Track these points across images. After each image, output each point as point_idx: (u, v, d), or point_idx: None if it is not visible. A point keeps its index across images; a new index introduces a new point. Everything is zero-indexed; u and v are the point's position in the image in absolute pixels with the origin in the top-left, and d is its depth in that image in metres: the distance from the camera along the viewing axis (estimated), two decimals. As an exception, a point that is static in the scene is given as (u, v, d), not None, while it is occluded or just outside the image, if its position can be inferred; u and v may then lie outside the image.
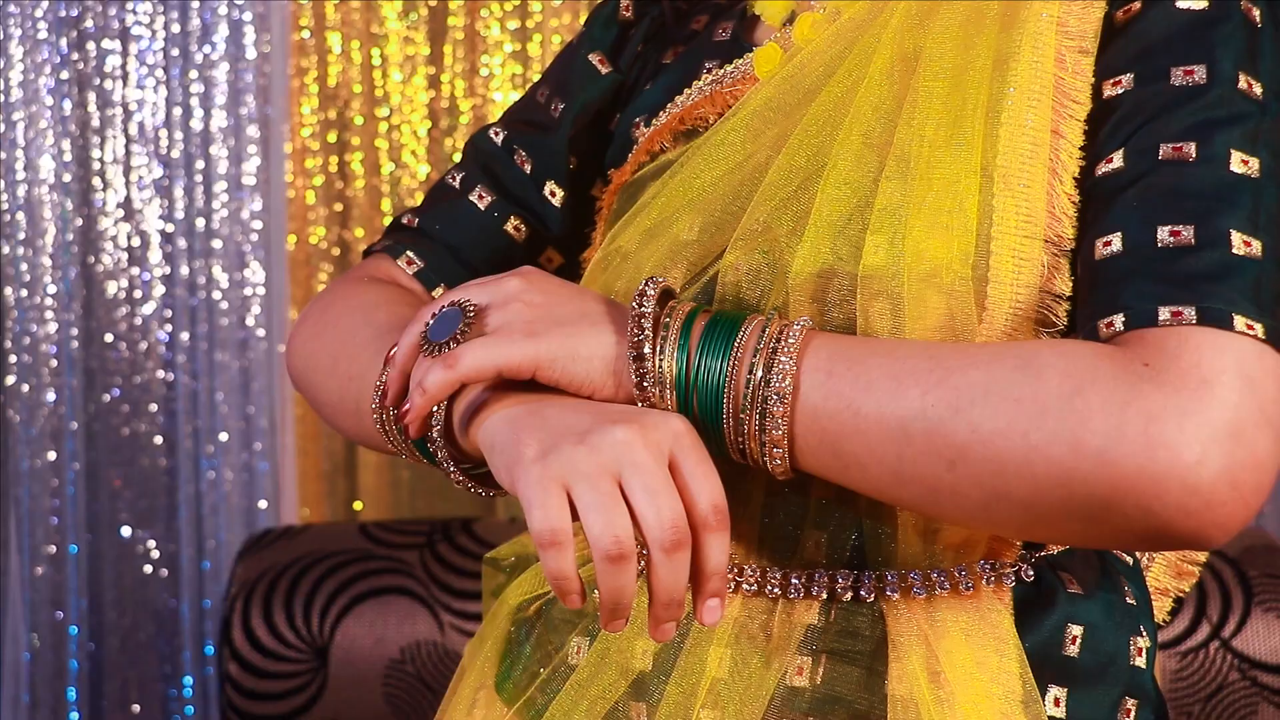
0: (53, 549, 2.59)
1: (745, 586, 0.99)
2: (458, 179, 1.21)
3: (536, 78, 2.53)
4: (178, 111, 2.58)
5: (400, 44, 2.63)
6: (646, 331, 0.89)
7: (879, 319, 0.92)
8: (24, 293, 2.58)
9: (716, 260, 0.99)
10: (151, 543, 2.62)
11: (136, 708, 2.63)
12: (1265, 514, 2.55)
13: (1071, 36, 0.95)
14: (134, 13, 2.57)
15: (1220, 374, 0.83)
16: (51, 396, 2.59)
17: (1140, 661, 1.01)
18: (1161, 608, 1.10)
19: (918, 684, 0.94)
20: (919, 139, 0.95)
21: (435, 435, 0.92)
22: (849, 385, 0.88)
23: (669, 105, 1.11)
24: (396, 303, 1.10)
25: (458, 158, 2.59)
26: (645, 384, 0.89)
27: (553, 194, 1.19)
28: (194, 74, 2.58)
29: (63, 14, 2.56)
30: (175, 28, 2.57)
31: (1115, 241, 0.90)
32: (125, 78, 2.59)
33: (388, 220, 2.63)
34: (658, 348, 0.89)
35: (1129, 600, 1.02)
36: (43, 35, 2.56)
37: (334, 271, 2.66)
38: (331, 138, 2.65)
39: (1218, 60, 0.92)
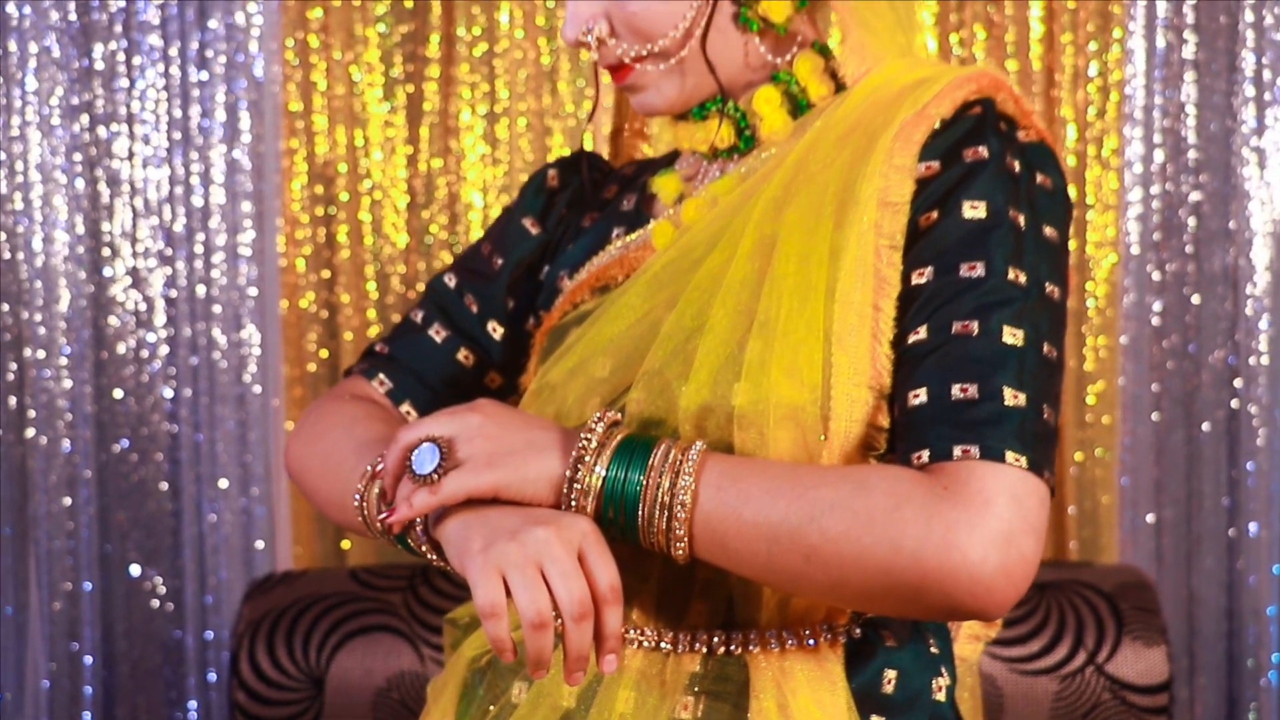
0: (69, 586, 2.62)
1: (645, 644, 1.20)
2: (419, 316, 1.41)
3: (505, 157, 2.72)
4: (179, 189, 2.60)
5: (381, 127, 2.65)
6: (585, 463, 1.09)
7: (748, 445, 1.13)
8: (41, 353, 2.59)
9: (624, 394, 1.19)
10: (158, 579, 2.65)
11: (145, 729, 2.63)
12: (1164, 548, 2.54)
13: (885, 236, 1.14)
14: (140, 100, 2.58)
15: (997, 495, 1.06)
16: (67, 447, 2.61)
17: (940, 696, 1.22)
18: (975, 650, 1.30)
19: (770, 717, 1.15)
20: (776, 308, 1.14)
21: (418, 533, 1.13)
22: (733, 497, 1.08)
23: (587, 264, 1.32)
24: (373, 418, 1.30)
25: (434, 229, 2.79)
26: (573, 499, 1.10)
27: (495, 330, 1.40)
28: (194, 155, 2.59)
29: (75, 101, 2.56)
30: (177, 113, 2.59)
31: (921, 395, 1.11)
32: (132, 158, 2.60)
33: (370, 285, 2.68)
34: (592, 468, 1.09)
35: (933, 650, 1.23)
36: (56, 121, 2.57)
37: (322, 332, 2.67)
38: (319, 211, 2.66)
39: (993, 259, 1.12)
